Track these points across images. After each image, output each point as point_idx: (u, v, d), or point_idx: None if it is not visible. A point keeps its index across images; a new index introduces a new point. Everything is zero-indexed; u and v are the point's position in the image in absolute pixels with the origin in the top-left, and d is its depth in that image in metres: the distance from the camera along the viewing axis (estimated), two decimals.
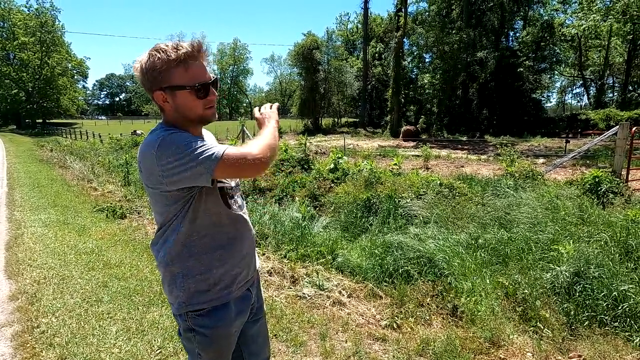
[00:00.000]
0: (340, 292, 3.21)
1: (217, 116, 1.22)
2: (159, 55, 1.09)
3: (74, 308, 3.01)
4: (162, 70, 1.10)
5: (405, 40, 30.94)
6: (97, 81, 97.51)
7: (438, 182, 5.46)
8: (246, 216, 1.34)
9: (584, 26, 14.73)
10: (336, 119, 40.94)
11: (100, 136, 22.55)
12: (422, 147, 13.86)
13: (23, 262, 3.99)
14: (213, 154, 1.04)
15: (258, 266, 1.47)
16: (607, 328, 2.55)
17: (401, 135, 24.34)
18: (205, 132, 1.37)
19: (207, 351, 1.23)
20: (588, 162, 10.76)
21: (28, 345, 2.54)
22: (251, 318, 1.41)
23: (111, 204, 6.40)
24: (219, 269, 1.22)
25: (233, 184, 1.31)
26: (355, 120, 41.46)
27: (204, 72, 1.15)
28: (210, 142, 1.19)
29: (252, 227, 1.37)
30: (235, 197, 1.30)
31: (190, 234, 1.19)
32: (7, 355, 2.44)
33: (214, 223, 1.21)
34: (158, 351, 2.46)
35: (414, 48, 35.72)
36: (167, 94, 1.12)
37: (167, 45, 1.11)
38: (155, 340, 2.56)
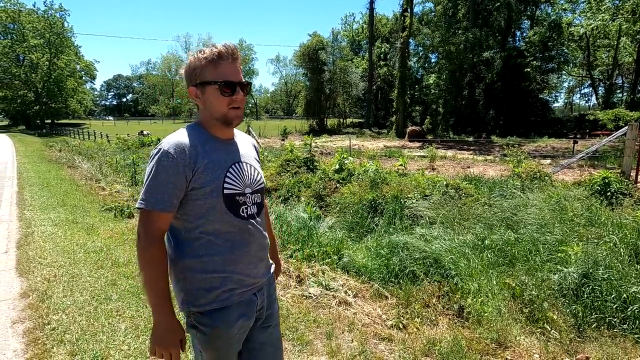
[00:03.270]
0: (346, 292, 3.22)
1: (240, 120, 1.27)
2: (196, 56, 1.22)
3: (83, 305, 3.06)
4: (196, 67, 1.22)
5: (411, 40, 30.81)
6: (104, 82, 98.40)
7: (444, 182, 5.45)
8: (257, 224, 1.31)
9: (592, 25, 14.61)
10: (341, 120, 40.87)
11: (107, 136, 22.78)
12: (427, 147, 13.81)
13: (34, 260, 4.06)
14: (140, 199, 1.18)
15: (272, 271, 1.46)
16: (615, 330, 2.53)
17: (407, 135, 24.26)
18: (243, 137, 1.41)
19: (207, 349, 1.25)
20: (596, 163, 10.63)
21: (39, 341, 2.58)
22: (259, 324, 1.38)
23: (119, 203, 6.47)
24: (221, 272, 1.23)
25: (249, 190, 1.29)
26: (360, 120, 41.37)
27: (235, 73, 1.22)
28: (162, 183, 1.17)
29: (264, 233, 1.35)
30: (248, 204, 1.28)
31: (192, 235, 1.22)
32: (19, 351, 2.49)
33: (217, 228, 1.22)
34: None
35: (420, 48, 35.62)
36: (199, 89, 1.23)
37: (206, 47, 1.23)
38: None
